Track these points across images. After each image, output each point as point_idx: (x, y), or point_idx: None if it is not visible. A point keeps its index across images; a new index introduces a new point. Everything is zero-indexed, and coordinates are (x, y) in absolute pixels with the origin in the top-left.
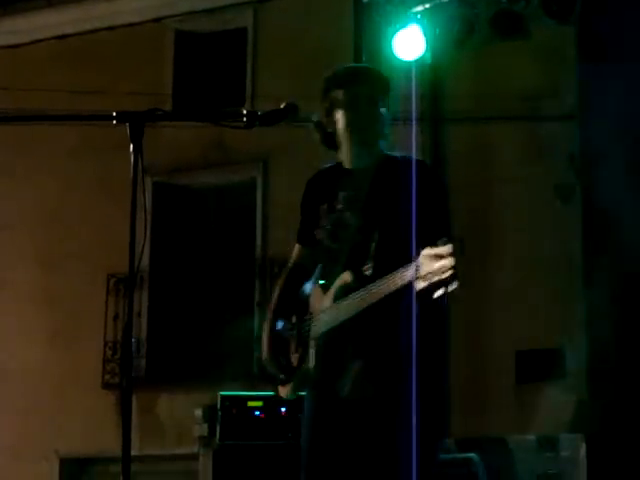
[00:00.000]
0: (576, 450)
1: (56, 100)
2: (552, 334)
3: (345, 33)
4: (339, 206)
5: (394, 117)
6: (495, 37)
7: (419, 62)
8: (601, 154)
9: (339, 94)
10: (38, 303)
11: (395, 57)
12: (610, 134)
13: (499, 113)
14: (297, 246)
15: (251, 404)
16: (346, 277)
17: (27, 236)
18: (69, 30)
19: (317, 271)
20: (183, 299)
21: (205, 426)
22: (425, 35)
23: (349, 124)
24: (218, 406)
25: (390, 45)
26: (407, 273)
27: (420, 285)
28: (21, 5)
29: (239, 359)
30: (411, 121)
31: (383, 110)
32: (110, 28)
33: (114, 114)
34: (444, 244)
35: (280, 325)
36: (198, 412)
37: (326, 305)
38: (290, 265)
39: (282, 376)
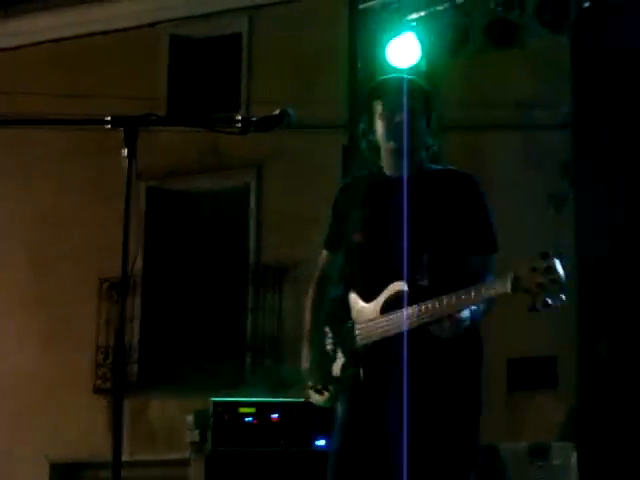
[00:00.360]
0: (567, 458)
1: (51, 103)
2: (544, 342)
3: (340, 40)
4: (379, 212)
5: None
6: (489, 45)
7: (414, 70)
8: (595, 163)
9: (378, 104)
10: (30, 306)
11: (390, 64)
12: (604, 143)
13: (493, 121)
14: (324, 252)
15: (243, 410)
16: (398, 287)
17: (20, 239)
18: (65, 34)
19: (351, 276)
20: (176, 304)
21: (197, 432)
22: (420, 43)
23: (385, 134)
24: (210, 412)
25: (385, 52)
26: (496, 286)
27: (531, 299)
28: (17, 8)
29: (232, 365)
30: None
31: (421, 121)
32: (105, 32)
33: (109, 118)
34: (544, 258)
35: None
36: (190, 418)
37: (372, 314)
38: (319, 274)
39: (318, 384)
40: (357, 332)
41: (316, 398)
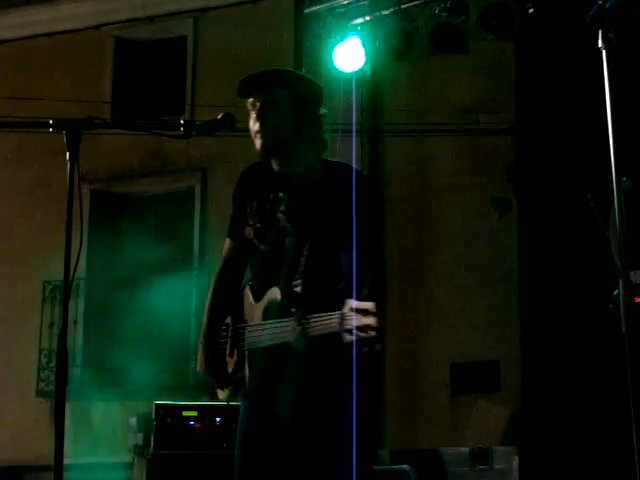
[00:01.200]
0: (509, 462)
1: None
2: (487, 347)
3: (286, 44)
4: (268, 207)
5: (334, 129)
6: (434, 51)
7: (359, 74)
8: (538, 167)
9: (247, 103)
10: None
11: (335, 69)
12: (547, 148)
13: (438, 126)
14: (227, 240)
15: (186, 414)
16: (275, 295)
17: None
18: (8, 35)
19: (248, 269)
20: (119, 307)
21: (140, 435)
22: (365, 47)
23: (255, 132)
24: (153, 415)
25: (330, 57)
26: (333, 322)
27: (347, 338)
28: None
29: (175, 368)
30: (351, 133)
31: (287, 107)
32: (50, 34)
33: (51, 122)
34: (369, 298)
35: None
36: (132, 421)
37: (257, 319)
38: (221, 263)
39: (217, 383)
40: (246, 335)
41: (220, 395)
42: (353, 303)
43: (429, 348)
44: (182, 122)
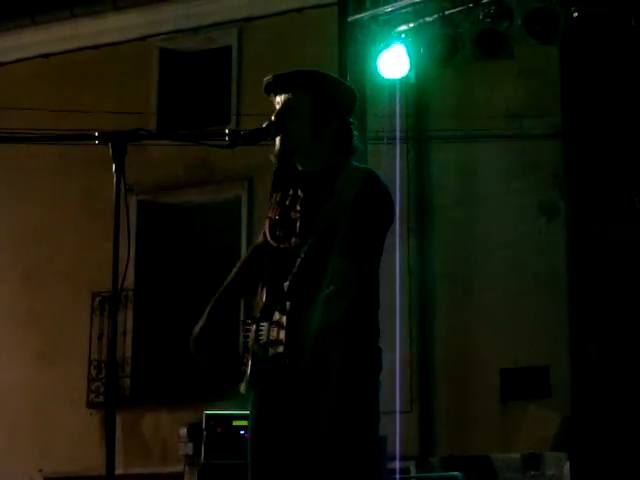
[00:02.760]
0: (560, 468)
1: (40, 119)
2: (537, 352)
3: (330, 52)
4: (287, 202)
5: (378, 136)
6: (479, 56)
7: (403, 81)
8: (585, 172)
9: (272, 99)
10: (22, 322)
11: (380, 76)
12: (593, 152)
13: (483, 132)
14: (260, 234)
15: (236, 423)
16: (264, 293)
17: (10, 255)
18: (54, 49)
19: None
20: (168, 318)
21: (190, 445)
22: (409, 54)
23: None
24: (203, 425)
25: (375, 64)
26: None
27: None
28: (5, 24)
29: (225, 377)
30: (396, 139)
31: (305, 112)
32: (95, 47)
33: (96, 134)
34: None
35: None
36: (183, 431)
37: (257, 315)
38: (250, 249)
39: (196, 354)
40: (248, 332)
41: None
42: (275, 315)
43: (478, 353)
44: (227, 132)
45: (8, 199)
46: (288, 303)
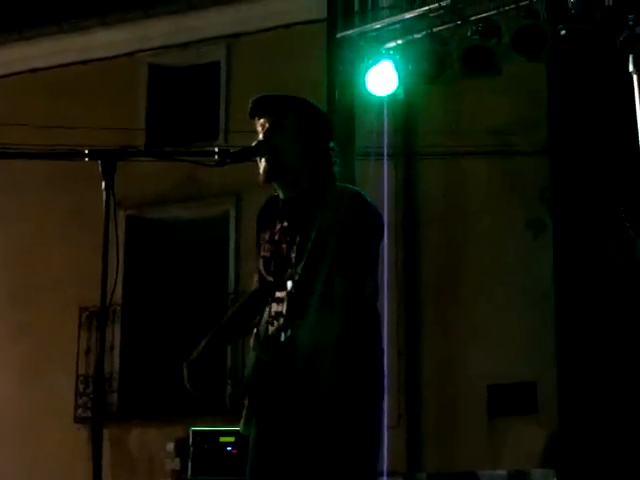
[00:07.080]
0: None
1: (28, 134)
2: (524, 368)
3: (318, 68)
4: (276, 237)
5: (366, 152)
6: (467, 73)
7: (392, 98)
8: (572, 188)
9: (256, 123)
10: (10, 335)
11: (368, 92)
12: (580, 168)
13: (471, 148)
14: (255, 275)
15: (223, 439)
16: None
17: None
18: (42, 64)
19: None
20: (156, 333)
21: (177, 460)
22: (397, 71)
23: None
24: (190, 441)
25: (363, 81)
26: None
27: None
28: None
29: (212, 394)
30: (384, 156)
31: (294, 132)
32: (83, 62)
33: (86, 152)
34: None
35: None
36: (170, 446)
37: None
38: (246, 295)
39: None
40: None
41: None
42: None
43: (465, 369)
44: (216, 150)
45: None
46: (287, 303)
